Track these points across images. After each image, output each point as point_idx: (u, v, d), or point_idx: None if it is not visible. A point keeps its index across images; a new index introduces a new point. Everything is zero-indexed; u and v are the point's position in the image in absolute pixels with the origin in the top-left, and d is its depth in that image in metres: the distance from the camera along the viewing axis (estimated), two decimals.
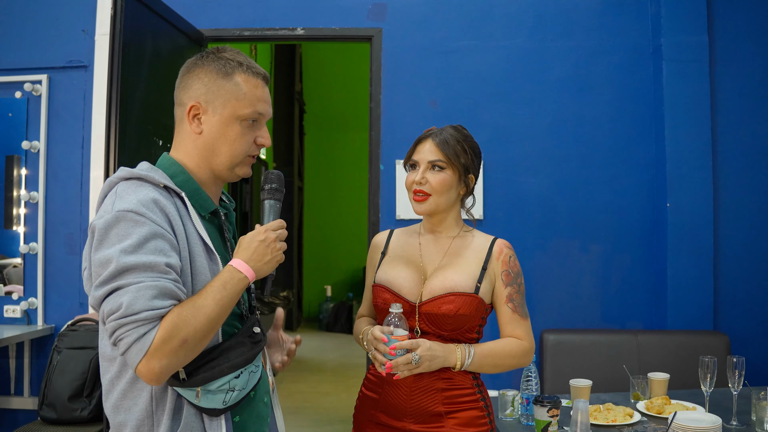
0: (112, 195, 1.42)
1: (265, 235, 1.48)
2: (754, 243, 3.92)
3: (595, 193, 3.95)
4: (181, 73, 1.59)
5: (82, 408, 3.33)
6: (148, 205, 1.37)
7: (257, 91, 1.55)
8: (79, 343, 3.45)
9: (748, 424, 2.51)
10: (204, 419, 1.42)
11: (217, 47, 1.60)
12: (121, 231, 1.33)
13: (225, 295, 1.38)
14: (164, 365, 1.29)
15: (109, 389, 1.43)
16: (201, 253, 1.45)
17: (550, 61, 3.97)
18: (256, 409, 1.55)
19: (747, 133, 3.93)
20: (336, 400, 5.92)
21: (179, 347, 1.30)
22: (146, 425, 1.39)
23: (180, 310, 1.32)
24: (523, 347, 1.95)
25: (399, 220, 3.94)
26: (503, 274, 1.94)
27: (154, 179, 1.44)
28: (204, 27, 3.88)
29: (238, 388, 1.43)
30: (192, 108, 1.53)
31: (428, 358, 1.79)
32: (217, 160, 1.54)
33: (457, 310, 1.85)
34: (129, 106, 3.06)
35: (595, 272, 3.95)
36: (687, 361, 3.50)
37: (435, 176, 1.92)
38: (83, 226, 3.80)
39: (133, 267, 1.30)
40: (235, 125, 1.52)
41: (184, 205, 1.48)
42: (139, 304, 1.27)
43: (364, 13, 3.98)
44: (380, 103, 3.97)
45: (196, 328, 1.32)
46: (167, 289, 1.31)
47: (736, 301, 3.89)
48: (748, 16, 3.95)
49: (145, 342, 1.27)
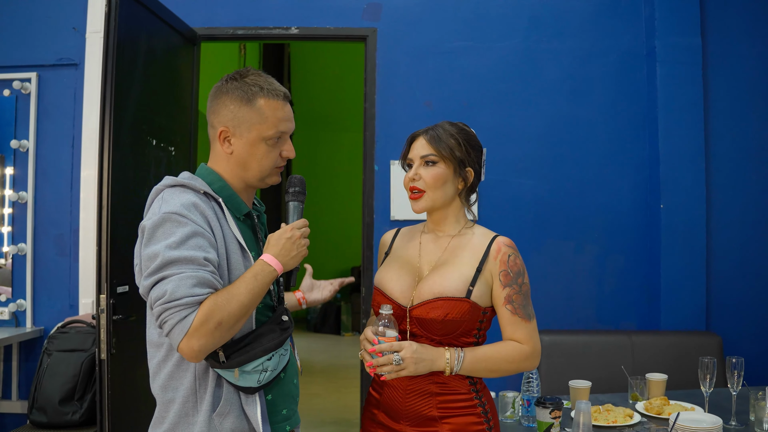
0: (159, 200, 1.62)
1: (291, 233, 1.68)
2: (746, 244, 3.95)
3: (590, 194, 3.96)
4: (210, 98, 1.76)
5: (74, 411, 3.29)
6: (189, 208, 1.57)
7: (278, 113, 1.72)
8: (70, 346, 3.40)
9: (747, 424, 2.53)
10: (241, 396, 1.63)
11: (240, 70, 1.76)
12: (167, 230, 1.54)
13: (256, 285, 1.58)
14: (202, 344, 1.49)
15: (156, 372, 1.65)
16: (236, 250, 1.65)
17: (545, 62, 3.98)
18: (286, 388, 1.77)
19: (739, 134, 3.96)
20: (326, 402, 5.89)
21: (215, 328, 1.49)
22: (191, 401, 1.61)
23: (216, 297, 1.51)
24: (522, 352, 1.84)
25: (393, 221, 3.92)
26: (501, 274, 1.83)
27: (195, 186, 1.64)
28: (197, 25, 3.84)
29: (270, 369, 1.63)
30: (222, 132, 1.71)
31: (413, 360, 1.74)
32: (248, 174, 1.73)
33: (445, 316, 1.78)
34: (123, 105, 3.02)
35: (589, 273, 3.95)
36: (681, 362, 3.52)
37: (428, 171, 1.87)
38: (74, 226, 3.74)
39: (176, 260, 1.50)
40: (261, 145, 1.71)
41: (221, 208, 1.68)
42: (181, 291, 1.48)
43: (358, 13, 3.96)
44: (374, 103, 3.96)
45: (230, 313, 1.52)
46: (205, 279, 1.51)
47: (729, 302, 3.92)
48: (740, 19, 3.98)
49: (186, 323, 1.47)
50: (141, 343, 3.21)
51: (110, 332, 2.87)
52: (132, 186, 3.12)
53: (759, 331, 3.92)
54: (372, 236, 3.97)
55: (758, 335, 3.92)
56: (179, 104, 3.72)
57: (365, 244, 4.01)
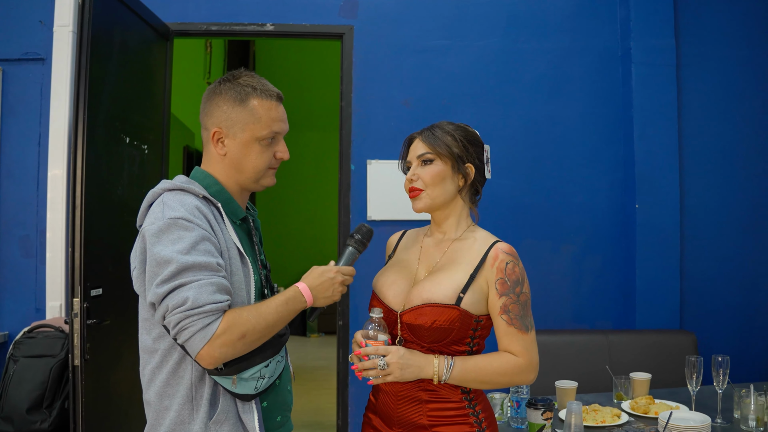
0: (159, 204, 1.58)
1: (335, 275, 1.69)
2: (718, 243, 4.01)
3: (567, 194, 3.98)
4: (203, 99, 1.74)
5: (42, 420, 3.16)
6: (194, 213, 1.56)
7: (272, 113, 1.71)
8: (37, 351, 3.27)
9: (732, 421, 2.55)
10: (237, 404, 1.62)
11: (233, 72, 1.74)
12: (174, 235, 1.51)
13: (285, 309, 1.60)
14: (223, 352, 1.48)
15: (151, 379, 1.61)
16: (235, 256, 1.64)
17: (523, 61, 3.98)
18: (281, 395, 1.76)
19: (711, 135, 4.02)
20: (297, 405, 5.74)
21: (238, 340, 1.49)
22: (187, 409, 1.58)
23: (242, 311, 1.53)
24: (517, 365, 1.75)
25: (370, 221, 3.88)
26: (498, 282, 1.75)
27: (194, 190, 1.62)
28: (170, 20, 3.74)
29: (268, 376, 1.64)
30: (215, 133, 1.70)
31: (399, 366, 1.70)
32: (242, 176, 1.72)
33: (432, 323, 1.72)
34: (96, 101, 2.91)
35: (566, 273, 3.97)
36: (657, 360, 3.56)
37: (425, 170, 1.84)
38: (40, 227, 3.59)
39: (191, 266, 1.49)
40: (254, 146, 1.70)
41: (219, 213, 1.66)
42: (204, 298, 1.47)
43: (335, 10, 3.90)
44: (351, 101, 3.90)
45: (255, 328, 1.52)
46: (224, 285, 1.52)
47: (702, 301, 3.97)
48: (712, 22, 4.04)
49: (209, 330, 1.47)
50: (116, 349, 3.14)
51: (84, 337, 2.76)
52: (106, 185, 3.02)
53: (731, 329, 3.99)
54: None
55: (731, 333, 3.98)
56: (152, 101, 3.61)
57: (341, 244, 3.95)
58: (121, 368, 3.16)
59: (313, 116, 9.54)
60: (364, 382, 1.79)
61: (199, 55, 7.01)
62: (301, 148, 9.80)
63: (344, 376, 3.88)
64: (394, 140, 3.87)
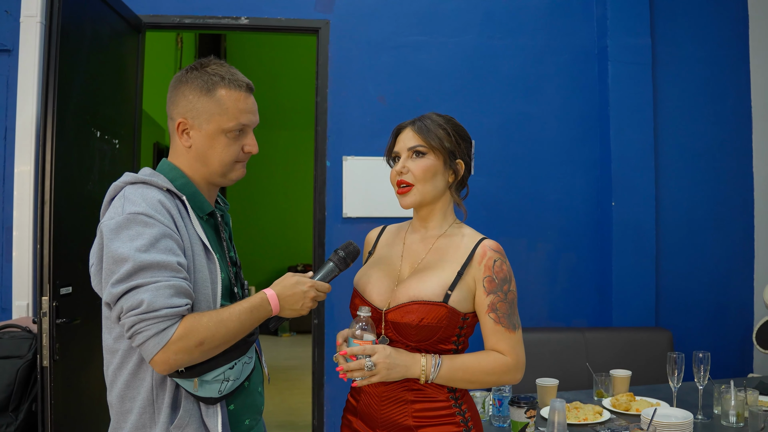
0: (120, 198, 1.51)
1: (308, 288, 1.61)
2: (693, 241, 4.05)
3: (543, 191, 3.97)
4: (170, 88, 1.65)
5: (8, 423, 3.05)
6: (156, 208, 1.48)
7: (240, 104, 1.62)
8: (3, 352, 3.14)
9: (712, 417, 2.56)
10: (201, 407, 1.54)
11: (201, 60, 1.66)
12: (133, 232, 1.44)
13: (249, 317, 1.52)
14: (179, 359, 1.42)
15: (113, 380, 1.55)
16: (200, 252, 1.56)
17: (499, 59, 3.96)
18: (250, 398, 1.68)
19: (686, 133, 4.05)
20: (269, 405, 5.71)
21: (195, 347, 1.43)
22: (148, 412, 1.51)
23: (202, 317, 1.46)
24: (505, 364, 1.72)
25: (346, 218, 3.83)
26: (485, 280, 1.72)
27: (158, 183, 1.54)
28: (143, 12, 3.64)
29: (233, 378, 1.55)
30: (180, 124, 1.62)
31: (386, 366, 1.63)
32: (208, 169, 1.64)
33: (419, 321, 1.67)
34: (66, 94, 2.82)
35: (542, 270, 3.97)
36: (633, 357, 3.57)
37: (416, 163, 1.76)
38: (6, 224, 3.47)
39: (148, 265, 1.41)
40: (221, 138, 1.61)
41: (184, 207, 1.59)
42: (160, 302, 1.39)
43: (311, 4, 3.84)
44: (326, 97, 3.85)
45: (215, 336, 1.46)
46: (183, 288, 1.44)
47: (677, 298, 4.00)
48: (687, 21, 4.08)
49: (165, 336, 1.40)
50: (86, 349, 3.04)
51: (53, 337, 2.67)
52: (76, 181, 2.93)
53: (706, 326, 4.03)
54: (324, 234, 3.86)
55: (705, 329, 4.02)
56: (123, 95, 3.52)
57: (316, 242, 3.90)
58: (92, 369, 3.07)
59: (285, 113, 9.45)
60: (340, 382, 1.75)
61: (170, 49, 6.89)
62: (273, 146, 9.71)
63: (320, 376, 3.82)
64: (369, 136, 3.83)
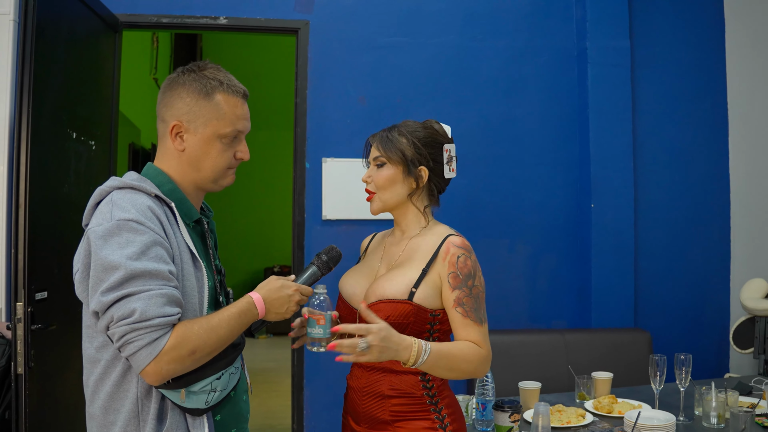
0: (107, 203, 1.47)
1: (293, 292, 1.61)
2: (671, 243, 4.08)
3: (523, 193, 3.98)
4: (163, 89, 1.62)
5: None
6: (146, 214, 1.45)
7: (237, 110, 1.62)
8: None
9: (693, 419, 2.58)
10: (187, 419, 1.51)
11: (196, 63, 1.64)
12: (123, 239, 1.41)
13: (237, 322, 1.51)
14: (171, 369, 1.40)
15: (95, 391, 1.51)
16: (188, 259, 1.54)
17: (479, 60, 3.96)
18: (236, 407, 1.66)
19: (664, 135, 4.09)
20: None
21: (188, 356, 1.41)
22: (133, 425, 1.47)
23: (193, 324, 1.44)
24: (480, 354, 1.76)
25: (325, 221, 3.80)
26: (450, 276, 1.77)
27: (147, 189, 1.51)
28: (120, 11, 3.57)
29: (220, 389, 1.53)
30: (174, 126, 1.59)
31: (379, 349, 1.62)
32: (199, 175, 1.62)
33: (386, 318, 1.70)
34: (42, 94, 2.75)
35: (522, 272, 3.97)
36: (613, 358, 3.58)
37: (377, 173, 1.87)
38: None
39: (140, 274, 1.38)
40: (216, 143, 1.60)
41: (173, 213, 1.56)
42: (153, 311, 1.37)
43: (291, 4, 3.80)
44: (306, 98, 3.82)
45: (206, 343, 1.45)
46: (174, 297, 1.42)
47: (655, 299, 4.03)
48: (665, 24, 4.12)
49: (157, 346, 1.38)
50: (62, 355, 2.98)
51: (28, 343, 2.61)
52: (52, 183, 2.86)
53: (684, 327, 4.07)
54: (303, 236, 3.83)
55: (683, 331, 4.06)
56: (100, 95, 3.45)
57: (296, 245, 3.86)
58: (68, 376, 3.00)
59: (263, 114, 9.36)
60: (320, 384, 1.74)
61: (146, 50, 6.80)
62: (251, 147, 9.55)
63: (299, 379, 3.79)
64: (349, 138, 3.80)
